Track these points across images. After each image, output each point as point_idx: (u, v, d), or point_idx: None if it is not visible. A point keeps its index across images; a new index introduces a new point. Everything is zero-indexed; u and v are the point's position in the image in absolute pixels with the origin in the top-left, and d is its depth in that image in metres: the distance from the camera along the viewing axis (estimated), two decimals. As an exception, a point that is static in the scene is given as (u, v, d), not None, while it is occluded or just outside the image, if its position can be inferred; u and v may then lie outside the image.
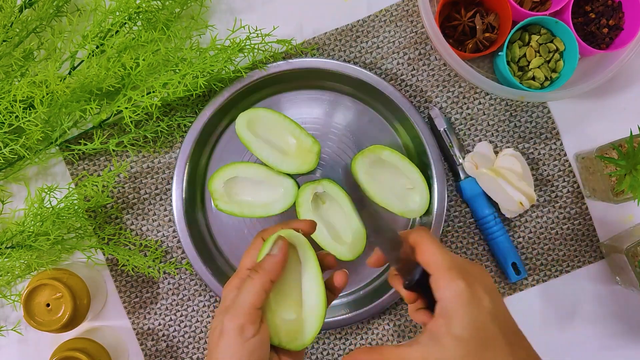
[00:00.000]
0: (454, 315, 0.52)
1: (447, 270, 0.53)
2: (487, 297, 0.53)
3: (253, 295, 0.56)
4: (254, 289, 0.56)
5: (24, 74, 0.79)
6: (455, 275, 0.53)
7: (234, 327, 0.55)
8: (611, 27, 0.81)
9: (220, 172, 0.80)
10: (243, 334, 0.55)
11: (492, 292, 0.54)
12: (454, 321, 0.52)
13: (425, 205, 0.80)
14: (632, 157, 0.75)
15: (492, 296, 0.53)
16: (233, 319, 0.55)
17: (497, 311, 0.53)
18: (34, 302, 0.75)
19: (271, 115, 0.80)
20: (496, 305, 0.53)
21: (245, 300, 0.56)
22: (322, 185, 0.80)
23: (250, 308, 0.56)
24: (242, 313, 0.55)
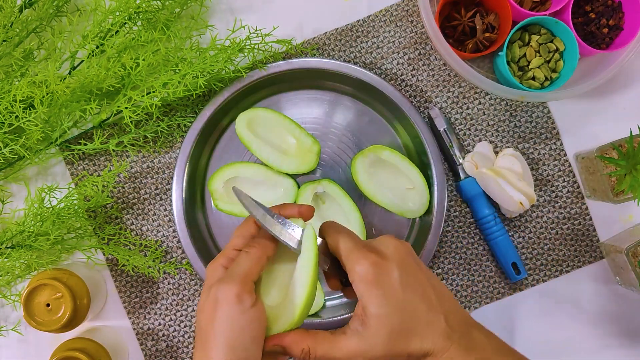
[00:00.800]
0: (366, 296, 0.52)
1: (349, 254, 0.54)
2: (394, 269, 0.53)
3: (250, 265, 0.54)
4: (250, 260, 0.54)
5: (24, 74, 0.79)
6: (358, 256, 0.53)
7: (232, 295, 0.52)
8: (611, 27, 0.81)
9: (220, 172, 0.80)
10: (242, 303, 0.52)
11: (400, 260, 0.54)
12: (368, 302, 0.52)
13: (425, 205, 0.80)
14: (632, 157, 0.75)
15: (401, 263, 0.54)
16: (230, 288, 0.52)
17: (408, 279, 0.53)
18: (34, 302, 0.75)
19: (271, 115, 0.80)
20: (407, 271, 0.53)
21: (241, 269, 0.54)
22: (322, 185, 0.80)
23: (247, 277, 0.53)
24: (239, 282, 0.52)
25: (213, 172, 0.81)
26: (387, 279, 0.53)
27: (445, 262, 0.84)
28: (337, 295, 0.83)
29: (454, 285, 0.84)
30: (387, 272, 0.53)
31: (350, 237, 0.56)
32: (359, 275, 0.53)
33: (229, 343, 0.51)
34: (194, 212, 0.82)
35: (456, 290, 0.84)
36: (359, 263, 0.53)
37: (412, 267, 0.54)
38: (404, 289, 0.53)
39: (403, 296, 0.53)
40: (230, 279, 0.53)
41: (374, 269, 0.53)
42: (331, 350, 0.53)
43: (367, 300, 0.52)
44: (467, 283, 0.84)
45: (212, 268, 0.56)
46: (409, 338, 0.53)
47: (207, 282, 0.56)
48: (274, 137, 0.81)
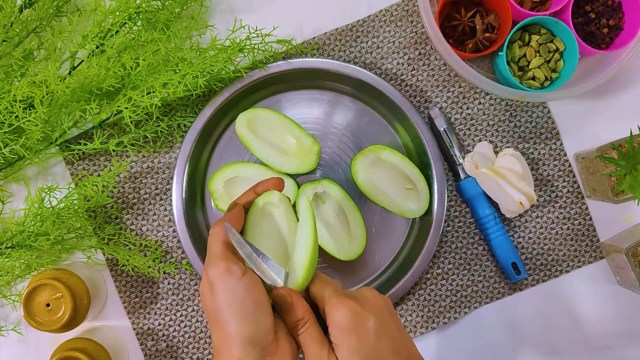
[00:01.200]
0: (340, 342, 0.53)
1: (330, 299, 0.55)
2: (371, 318, 0.54)
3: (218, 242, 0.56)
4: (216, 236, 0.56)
5: (24, 74, 0.79)
6: (338, 302, 0.54)
7: (220, 272, 0.54)
8: (611, 27, 0.81)
9: (220, 173, 0.80)
10: (232, 275, 0.54)
11: (377, 311, 0.55)
12: (342, 348, 0.53)
13: (425, 205, 0.80)
14: (632, 157, 0.75)
15: (379, 314, 0.55)
16: (216, 267, 0.54)
17: (383, 329, 0.54)
18: (34, 302, 0.75)
19: (271, 115, 0.80)
20: (383, 324, 0.55)
21: (215, 248, 0.56)
22: (322, 185, 0.80)
23: (222, 251, 0.55)
24: (218, 258, 0.55)
25: (213, 172, 0.81)
26: (362, 327, 0.54)
27: (445, 262, 0.84)
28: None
29: (454, 285, 0.84)
30: (364, 321, 0.54)
31: (332, 286, 0.57)
32: (336, 321, 0.54)
33: (237, 314, 0.53)
34: (194, 212, 0.82)
35: (456, 290, 0.84)
36: (338, 309, 0.54)
37: (387, 320, 0.56)
38: (377, 339, 0.54)
39: (376, 346, 0.54)
40: (210, 261, 0.55)
41: (352, 315, 0.54)
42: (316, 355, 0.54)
43: (340, 346, 0.53)
44: (467, 283, 0.84)
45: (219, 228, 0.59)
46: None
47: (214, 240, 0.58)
48: (274, 137, 0.81)
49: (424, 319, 0.84)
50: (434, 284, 0.84)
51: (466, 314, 0.84)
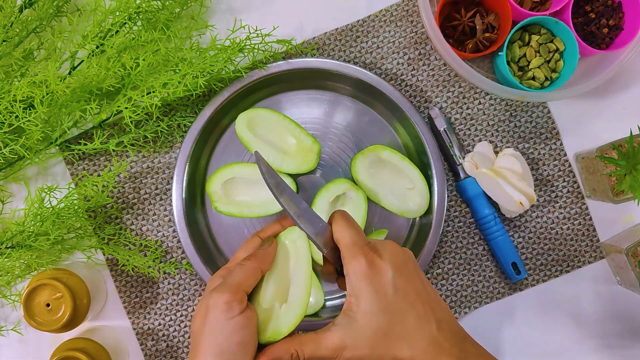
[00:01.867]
0: (359, 292, 0.53)
1: (350, 247, 0.55)
2: (389, 270, 0.54)
3: (243, 277, 0.56)
4: (245, 272, 0.56)
5: (24, 74, 0.79)
6: (357, 251, 0.54)
7: (221, 302, 0.54)
8: (611, 27, 0.81)
9: (218, 174, 0.80)
10: (230, 310, 0.54)
11: (397, 264, 0.55)
12: (361, 298, 0.53)
13: (425, 205, 0.80)
14: (632, 157, 0.75)
15: (397, 267, 0.54)
16: (220, 296, 0.54)
17: (401, 282, 0.54)
18: (34, 302, 0.75)
19: (271, 115, 0.80)
20: (402, 276, 0.54)
21: (234, 280, 0.56)
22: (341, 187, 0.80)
23: (238, 287, 0.55)
24: (230, 290, 0.55)
25: (210, 174, 0.81)
26: (380, 278, 0.53)
27: (445, 262, 0.84)
28: (337, 295, 0.83)
29: (454, 285, 0.84)
30: (382, 272, 0.54)
31: (355, 231, 0.57)
32: (354, 269, 0.54)
33: (217, 348, 0.53)
34: (194, 212, 0.82)
35: (456, 290, 0.84)
36: (356, 257, 0.54)
37: (408, 272, 0.55)
38: (395, 292, 0.53)
39: (394, 298, 0.53)
40: (222, 288, 0.55)
41: (370, 265, 0.53)
42: (317, 349, 0.54)
43: (357, 295, 0.53)
44: (467, 283, 0.84)
45: (213, 278, 0.59)
46: (395, 342, 0.53)
47: (205, 291, 0.58)
48: (274, 137, 0.81)
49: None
50: (434, 284, 0.84)
51: (466, 314, 0.84)
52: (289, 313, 0.57)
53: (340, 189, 0.79)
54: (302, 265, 0.59)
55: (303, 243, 0.60)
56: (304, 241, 0.60)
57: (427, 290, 0.56)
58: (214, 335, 0.53)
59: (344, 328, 0.53)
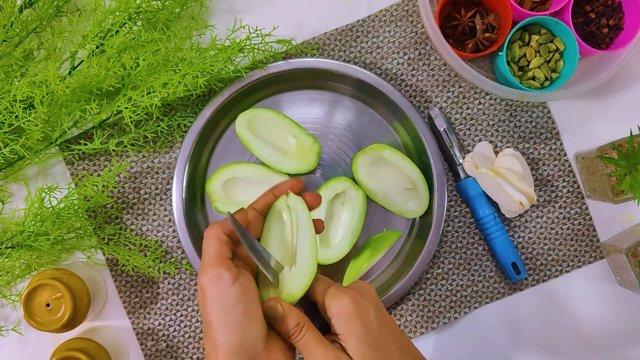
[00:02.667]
0: (346, 331, 0.53)
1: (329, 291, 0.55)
2: (371, 307, 0.55)
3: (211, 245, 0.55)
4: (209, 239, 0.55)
5: (24, 74, 0.79)
6: (337, 292, 0.55)
7: (210, 278, 0.53)
8: (611, 27, 0.81)
9: (218, 174, 0.80)
10: (222, 281, 0.53)
11: (375, 302, 0.56)
12: (348, 336, 0.53)
13: (424, 206, 0.80)
14: (632, 157, 0.75)
15: (376, 306, 0.55)
16: (206, 274, 0.53)
17: (382, 319, 0.55)
18: (34, 302, 0.75)
19: (271, 115, 0.80)
20: (380, 314, 0.55)
21: (205, 251, 0.55)
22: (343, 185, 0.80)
23: (215, 255, 0.54)
24: (209, 263, 0.54)
25: (210, 174, 0.81)
26: (365, 314, 0.54)
27: (445, 262, 0.84)
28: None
29: (454, 285, 0.84)
30: (365, 309, 0.54)
31: (326, 280, 0.58)
32: (338, 310, 0.54)
33: (224, 323, 0.52)
34: (194, 212, 0.82)
35: (456, 290, 0.84)
36: (338, 298, 0.54)
37: (383, 310, 0.57)
38: (379, 327, 0.54)
39: (379, 334, 0.54)
40: (203, 267, 0.54)
41: (353, 303, 0.54)
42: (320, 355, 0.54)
43: (346, 334, 0.53)
44: (467, 283, 0.84)
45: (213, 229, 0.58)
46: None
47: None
48: (274, 137, 0.81)
49: (424, 319, 0.84)
50: (434, 284, 0.84)
51: (466, 314, 0.84)
52: (300, 274, 0.58)
53: (341, 187, 0.79)
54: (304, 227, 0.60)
55: (301, 206, 0.61)
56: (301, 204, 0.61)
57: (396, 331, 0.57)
58: (217, 312, 0.53)
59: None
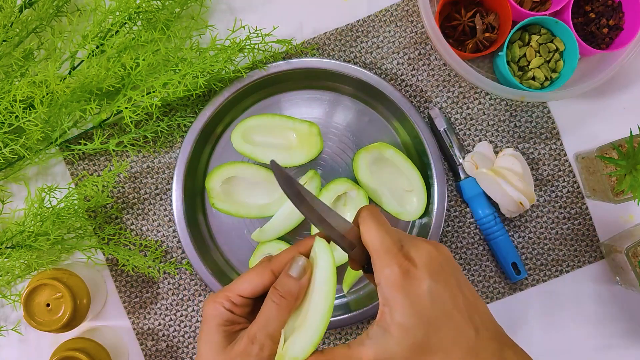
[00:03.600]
0: (392, 303, 0.49)
1: (381, 254, 0.50)
2: (425, 279, 0.49)
3: (279, 323, 0.51)
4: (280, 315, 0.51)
5: (24, 74, 0.79)
6: (389, 258, 0.50)
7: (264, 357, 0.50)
8: (611, 27, 0.81)
9: (219, 171, 0.80)
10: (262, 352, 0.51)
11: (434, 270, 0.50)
12: (394, 309, 0.49)
13: (421, 209, 0.80)
14: (632, 157, 0.75)
15: (433, 275, 0.50)
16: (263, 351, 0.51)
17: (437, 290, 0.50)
18: (34, 302, 0.75)
19: (262, 120, 0.80)
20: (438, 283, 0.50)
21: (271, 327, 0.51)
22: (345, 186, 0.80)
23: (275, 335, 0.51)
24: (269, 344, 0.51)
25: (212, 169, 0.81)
26: (416, 288, 0.49)
27: (445, 262, 0.84)
28: (337, 295, 0.83)
29: (454, 285, 0.84)
30: (417, 282, 0.49)
31: (385, 233, 0.52)
32: (387, 278, 0.49)
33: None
34: (194, 212, 0.82)
35: (456, 290, 0.84)
36: (389, 266, 0.50)
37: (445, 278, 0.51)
38: (432, 302, 0.49)
39: (431, 310, 0.49)
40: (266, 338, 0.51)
41: (403, 275, 0.49)
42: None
43: (392, 307, 0.49)
44: (467, 283, 0.84)
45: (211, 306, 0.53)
46: (432, 353, 0.49)
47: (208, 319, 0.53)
48: (273, 139, 0.81)
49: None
50: (434, 284, 0.84)
51: (466, 314, 0.84)
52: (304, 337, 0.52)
53: (342, 189, 0.79)
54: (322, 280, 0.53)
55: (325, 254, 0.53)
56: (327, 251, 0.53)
57: (465, 295, 0.51)
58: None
59: (378, 341, 0.49)
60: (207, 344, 0.52)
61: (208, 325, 0.53)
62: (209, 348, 0.52)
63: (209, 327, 0.53)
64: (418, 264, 0.50)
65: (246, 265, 0.83)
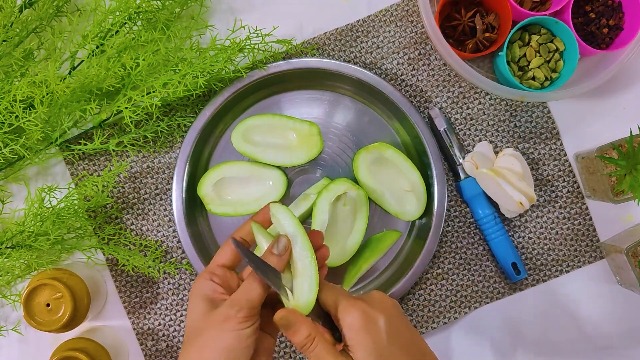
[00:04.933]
0: (355, 343, 0.55)
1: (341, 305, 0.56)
2: (382, 317, 0.55)
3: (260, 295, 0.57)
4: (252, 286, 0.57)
5: (24, 74, 0.79)
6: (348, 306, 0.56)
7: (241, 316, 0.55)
8: (611, 27, 0.81)
9: (207, 177, 0.80)
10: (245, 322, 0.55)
11: (387, 311, 0.56)
12: (357, 349, 0.54)
13: (421, 210, 0.80)
14: (632, 157, 0.75)
15: (388, 314, 0.56)
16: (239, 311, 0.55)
17: (393, 330, 0.56)
18: (34, 302, 0.75)
19: (262, 120, 0.80)
20: (393, 323, 0.56)
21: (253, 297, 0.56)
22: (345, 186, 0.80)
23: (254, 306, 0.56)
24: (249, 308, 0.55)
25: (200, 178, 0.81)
26: (374, 326, 0.55)
27: (445, 262, 0.84)
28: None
29: (454, 285, 0.84)
30: (375, 321, 0.55)
31: (341, 292, 0.59)
32: (349, 323, 0.55)
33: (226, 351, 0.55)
34: (194, 212, 0.82)
35: (456, 290, 0.84)
36: (349, 312, 0.55)
37: (397, 319, 0.57)
38: (389, 338, 0.55)
39: (388, 346, 0.55)
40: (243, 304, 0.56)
41: (363, 316, 0.55)
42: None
43: (355, 347, 0.55)
44: (467, 283, 0.84)
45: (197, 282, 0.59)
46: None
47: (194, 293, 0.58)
48: (273, 138, 0.81)
49: (424, 319, 0.84)
50: (434, 284, 0.84)
51: (466, 314, 0.84)
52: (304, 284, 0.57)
53: (342, 189, 0.79)
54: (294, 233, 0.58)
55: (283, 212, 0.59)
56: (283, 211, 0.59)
57: (414, 339, 0.58)
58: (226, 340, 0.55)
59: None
60: (192, 313, 0.58)
61: (194, 297, 0.58)
62: (194, 315, 0.57)
63: (195, 298, 0.58)
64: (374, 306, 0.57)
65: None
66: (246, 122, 0.80)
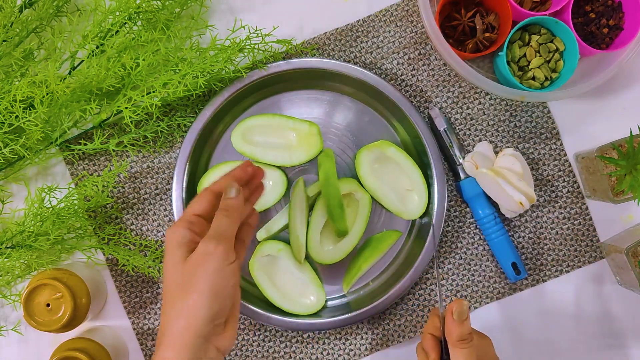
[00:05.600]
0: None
1: (453, 343, 0.63)
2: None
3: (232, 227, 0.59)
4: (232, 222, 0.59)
5: (24, 74, 0.79)
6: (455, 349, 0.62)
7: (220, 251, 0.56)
8: (611, 27, 0.81)
9: (207, 177, 0.80)
10: (227, 258, 0.57)
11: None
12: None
13: (422, 208, 0.80)
14: (632, 157, 0.75)
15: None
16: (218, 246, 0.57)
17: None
18: (34, 302, 0.75)
19: (262, 120, 0.80)
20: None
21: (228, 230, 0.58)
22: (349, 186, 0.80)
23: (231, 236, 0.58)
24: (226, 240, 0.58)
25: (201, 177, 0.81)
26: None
27: (445, 262, 0.84)
28: (337, 295, 0.83)
29: (454, 285, 0.84)
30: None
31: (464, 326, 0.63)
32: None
33: (214, 290, 0.56)
34: (194, 212, 0.82)
35: (456, 290, 0.84)
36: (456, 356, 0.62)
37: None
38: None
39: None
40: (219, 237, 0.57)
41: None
42: None
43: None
44: (467, 283, 0.84)
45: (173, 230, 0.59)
46: None
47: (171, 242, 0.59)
48: (273, 138, 0.81)
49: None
50: (434, 283, 0.84)
51: (466, 314, 0.84)
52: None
53: (347, 189, 0.79)
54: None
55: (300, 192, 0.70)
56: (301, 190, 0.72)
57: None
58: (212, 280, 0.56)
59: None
60: (170, 262, 0.58)
61: (171, 246, 0.58)
62: (172, 264, 0.58)
63: (172, 247, 0.58)
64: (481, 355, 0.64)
65: (245, 265, 0.83)
66: (246, 122, 0.80)
